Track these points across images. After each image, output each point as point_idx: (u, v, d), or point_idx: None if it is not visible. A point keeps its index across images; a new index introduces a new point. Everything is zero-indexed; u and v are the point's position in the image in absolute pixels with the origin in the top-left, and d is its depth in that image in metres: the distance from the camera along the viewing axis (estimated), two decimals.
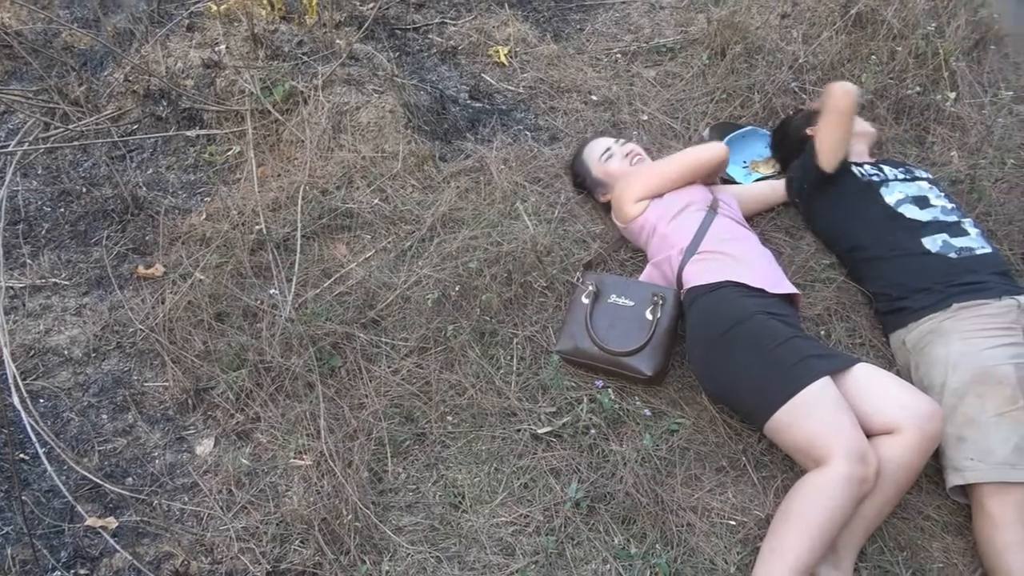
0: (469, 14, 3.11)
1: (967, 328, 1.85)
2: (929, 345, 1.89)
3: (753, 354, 1.74)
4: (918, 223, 2.05)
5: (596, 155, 2.33)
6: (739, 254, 1.95)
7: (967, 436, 1.72)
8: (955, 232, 2.02)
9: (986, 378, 1.76)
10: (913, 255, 2.01)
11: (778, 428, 1.69)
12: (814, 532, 1.52)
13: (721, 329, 1.80)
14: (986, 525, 1.65)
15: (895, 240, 2.05)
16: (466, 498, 1.76)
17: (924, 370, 1.88)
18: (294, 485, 1.77)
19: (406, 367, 1.97)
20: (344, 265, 2.17)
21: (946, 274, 1.95)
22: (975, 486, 1.69)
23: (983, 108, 2.65)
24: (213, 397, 1.94)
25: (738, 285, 1.86)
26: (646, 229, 2.12)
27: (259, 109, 2.47)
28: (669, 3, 3.20)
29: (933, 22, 2.78)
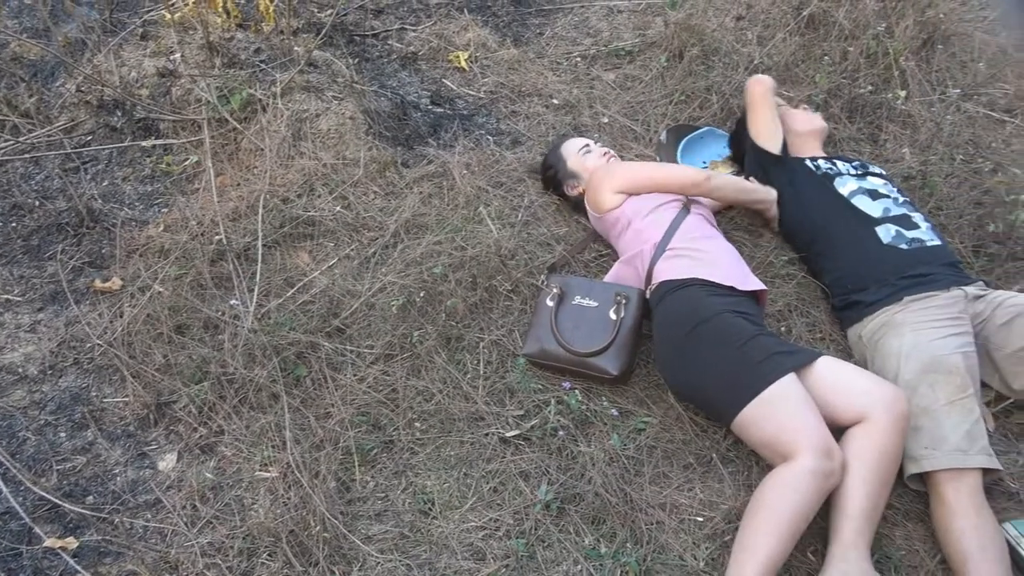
0: (428, 20, 3.11)
1: (918, 320, 1.90)
2: (883, 338, 1.94)
3: (720, 351, 1.76)
4: (870, 215, 2.11)
5: (575, 149, 2.35)
6: (709, 251, 1.98)
7: (921, 425, 1.76)
8: (906, 224, 2.08)
9: (937, 367, 1.81)
10: (866, 245, 2.07)
11: (745, 424, 1.71)
12: (783, 528, 1.53)
13: (688, 327, 1.82)
14: (943, 511, 1.69)
15: (849, 229, 2.11)
16: (436, 504, 1.75)
17: (879, 363, 1.92)
18: (260, 498, 1.75)
19: (372, 375, 1.96)
20: (307, 274, 2.15)
21: (898, 265, 2.00)
22: (931, 474, 1.73)
23: (932, 106, 2.73)
24: (175, 411, 1.91)
25: (706, 283, 1.88)
26: (620, 222, 2.14)
27: (216, 118, 2.44)
28: (627, 7, 3.24)
29: (883, 23, 2.84)
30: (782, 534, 1.53)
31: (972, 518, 1.66)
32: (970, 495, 1.68)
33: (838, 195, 2.17)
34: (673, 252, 1.99)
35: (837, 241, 2.12)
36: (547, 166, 2.41)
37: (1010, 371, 1.91)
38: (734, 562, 1.54)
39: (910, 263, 2.00)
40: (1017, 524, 1.71)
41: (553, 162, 2.39)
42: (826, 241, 2.15)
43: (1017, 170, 2.48)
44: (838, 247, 2.12)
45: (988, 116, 2.73)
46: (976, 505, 1.68)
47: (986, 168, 2.50)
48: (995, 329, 1.93)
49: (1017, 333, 1.89)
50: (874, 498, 1.62)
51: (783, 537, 1.53)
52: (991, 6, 2.91)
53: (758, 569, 1.50)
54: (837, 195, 2.17)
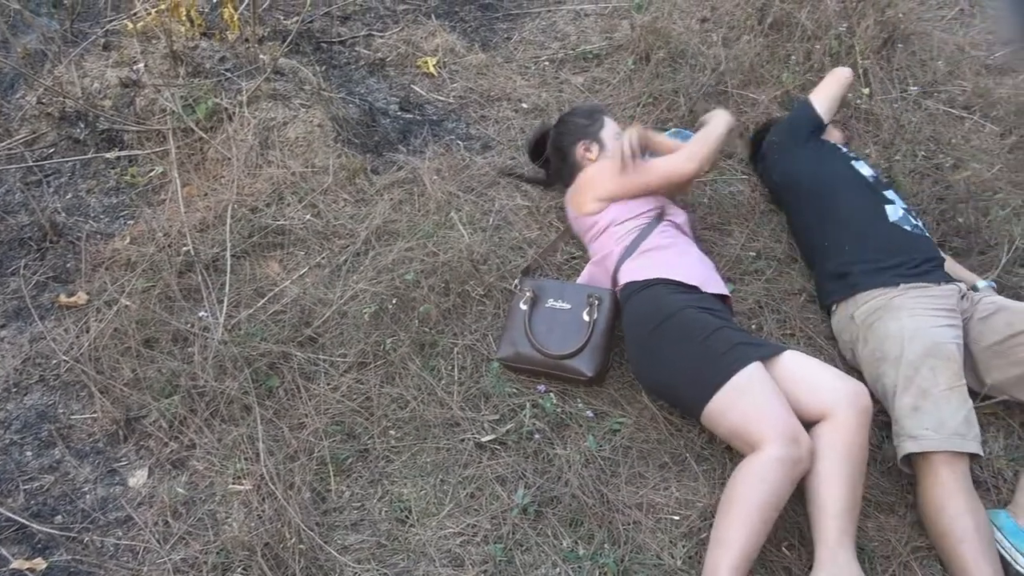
0: (396, 26, 3.11)
1: (915, 306, 1.94)
2: (879, 320, 1.96)
3: (685, 346, 1.78)
4: (882, 194, 2.18)
5: (615, 129, 2.33)
6: (675, 254, 2.00)
7: (922, 407, 1.79)
8: (910, 213, 2.17)
9: (938, 352, 1.84)
10: (874, 217, 2.13)
11: (713, 416, 1.72)
12: (754, 518, 1.55)
13: (653, 324, 1.83)
14: (940, 492, 1.71)
15: (861, 199, 2.17)
16: (412, 512, 1.74)
17: (875, 343, 1.94)
18: (234, 511, 1.72)
19: (346, 383, 1.94)
20: (277, 283, 2.13)
21: (899, 245, 2.06)
22: (928, 455, 1.75)
23: (895, 103, 2.78)
24: (145, 426, 1.88)
25: (670, 282, 1.90)
26: (598, 226, 2.14)
27: (182, 128, 2.41)
28: (593, 10, 3.26)
29: (844, 23, 2.89)
30: (754, 525, 1.54)
31: (970, 499, 1.70)
32: (964, 478, 1.71)
33: (857, 172, 2.25)
34: (640, 253, 2.00)
35: (847, 206, 2.17)
36: (579, 116, 2.34)
37: (985, 364, 1.95)
38: (710, 557, 1.56)
39: (912, 245, 2.05)
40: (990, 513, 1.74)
41: (590, 117, 2.33)
42: (835, 204, 2.19)
43: (977, 164, 2.54)
44: (848, 212, 2.16)
45: (948, 113, 2.79)
46: (969, 489, 1.71)
47: (947, 164, 2.55)
48: (975, 324, 1.97)
49: (994, 328, 1.93)
50: (853, 493, 1.63)
51: (755, 528, 1.54)
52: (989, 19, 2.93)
53: (733, 562, 1.51)
54: (856, 172, 2.25)
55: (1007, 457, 1.91)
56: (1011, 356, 1.90)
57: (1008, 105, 2.75)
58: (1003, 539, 1.69)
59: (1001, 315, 1.95)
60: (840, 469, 1.63)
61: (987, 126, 2.73)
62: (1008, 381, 1.91)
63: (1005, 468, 1.89)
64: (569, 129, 2.33)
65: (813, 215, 2.25)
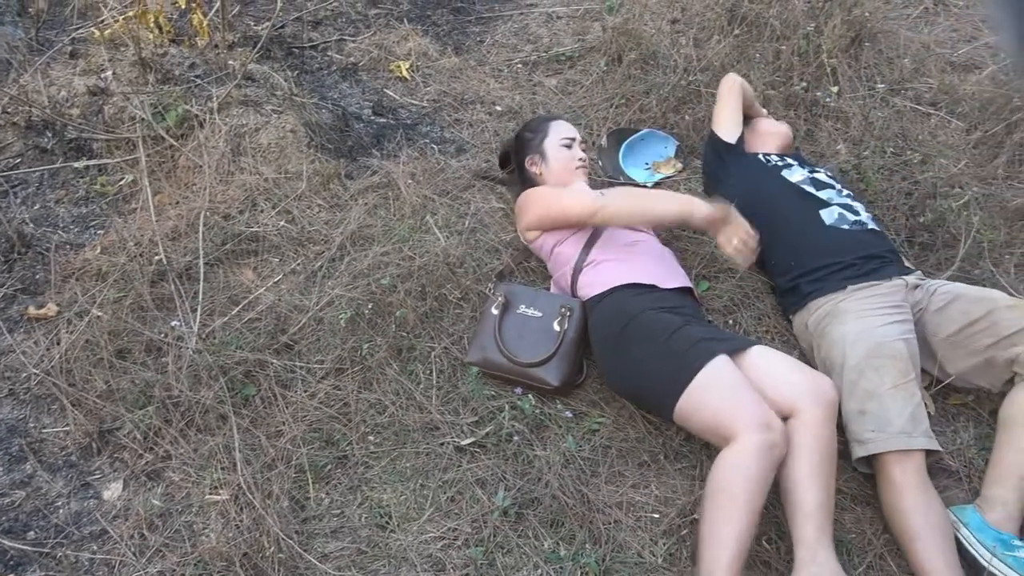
0: (368, 30, 3.10)
1: (861, 308, 1.96)
2: (828, 326, 1.99)
3: (648, 348, 1.79)
4: (816, 198, 2.19)
5: (561, 133, 2.28)
6: (627, 257, 2.01)
7: (868, 409, 1.81)
8: (849, 210, 2.16)
9: (881, 352, 1.86)
10: (811, 225, 2.14)
11: (685, 414, 1.73)
12: (742, 511, 1.54)
13: (616, 331, 1.86)
14: (890, 491, 1.74)
15: (795, 211, 2.18)
16: (393, 517, 1.74)
17: (825, 351, 1.97)
18: (211, 522, 1.70)
19: (323, 390, 1.93)
20: (252, 291, 2.11)
21: (841, 246, 2.07)
22: (878, 456, 1.78)
23: (863, 101, 2.82)
24: (119, 438, 1.85)
25: (626, 286, 1.92)
26: (544, 249, 2.17)
27: (152, 135, 2.38)
28: (565, 13, 3.27)
29: (812, 22, 2.93)
30: (743, 517, 1.54)
31: (919, 497, 1.71)
32: (915, 475, 1.73)
33: (786, 182, 2.26)
34: (591, 265, 2.02)
35: (783, 221, 2.19)
36: (527, 129, 2.35)
37: (945, 355, 1.98)
38: (705, 554, 1.54)
39: (852, 244, 2.07)
40: (957, 510, 1.77)
41: (535, 129, 2.32)
42: (772, 222, 2.21)
43: (944, 160, 2.58)
44: (784, 227, 2.18)
45: (915, 109, 2.83)
46: (922, 485, 1.73)
47: (915, 160, 2.59)
48: (931, 315, 1.99)
49: (951, 318, 1.96)
50: (826, 490, 1.64)
51: (744, 520, 1.54)
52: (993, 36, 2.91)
53: (731, 557, 1.50)
54: (785, 181, 2.26)
55: (977, 447, 1.94)
56: (969, 346, 1.92)
57: (972, 101, 2.80)
58: (969, 535, 1.70)
59: (956, 304, 1.97)
60: (811, 467, 1.64)
61: (953, 122, 2.78)
62: (968, 370, 1.94)
63: (976, 457, 1.92)
64: (519, 146, 2.34)
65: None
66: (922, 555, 1.65)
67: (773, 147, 2.47)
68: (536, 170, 2.28)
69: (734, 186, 2.35)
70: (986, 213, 2.42)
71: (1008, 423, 1.82)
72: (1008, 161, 2.58)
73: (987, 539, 1.67)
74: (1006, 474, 1.76)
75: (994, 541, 1.66)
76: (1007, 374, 1.89)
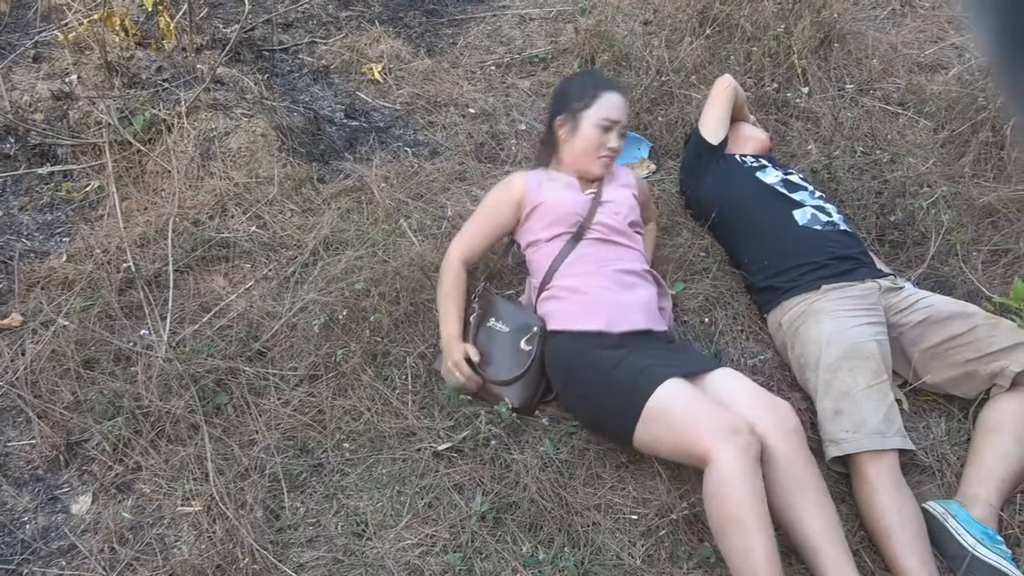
0: (339, 32, 3.07)
1: (835, 308, 1.98)
2: (803, 325, 2.01)
3: (596, 386, 1.77)
4: (790, 199, 2.22)
5: (604, 113, 2.03)
6: (583, 293, 1.90)
7: (843, 409, 1.83)
8: (822, 211, 2.19)
9: (856, 353, 1.88)
10: (784, 226, 2.17)
11: (647, 443, 1.69)
12: (757, 529, 1.48)
13: (564, 378, 1.87)
14: (866, 490, 1.76)
15: (769, 211, 2.21)
16: (369, 525, 1.71)
17: (799, 349, 1.99)
18: (183, 534, 1.67)
19: (297, 397, 1.90)
20: (223, 297, 2.08)
21: (814, 246, 2.09)
22: (853, 456, 1.80)
23: (833, 101, 2.85)
24: (87, 450, 1.81)
25: (568, 333, 1.87)
26: (524, 244, 2.08)
27: (119, 140, 2.34)
28: (538, 15, 3.27)
29: (782, 24, 2.96)
30: (761, 535, 1.48)
31: (893, 495, 1.73)
32: (890, 474, 1.75)
33: (761, 183, 2.28)
34: (551, 292, 1.95)
35: (757, 222, 2.21)
36: (574, 85, 2.12)
37: (924, 366, 2.01)
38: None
39: (825, 245, 2.09)
40: (942, 503, 1.79)
41: (581, 92, 2.06)
42: (747, 222, 2.24)
43: (912, 159, 2.62)
44: (758, 227, 2.21)
45: (883, 109, 2.87)
46: (896, 483, 1.75)
47: (884, 159, 2.63)
48: (911, 326, 2.02)
49: (931, 332, 1.99)
50: (831, 515, 1.61)
51: (763, 535, 1.48)
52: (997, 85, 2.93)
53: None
54: (760, 182, 2.28)
55: (950, 442, 1.96)
56: (948, 359, 1.96)
57: (940, 101, 2.84)
58: (958, 526, 1.73)
59: (936, 318, 1.99)
60: (811, 501, 1.61)
61: (920, 121, 2.82)
62: (945, 381, 1.99)
63: (949, 453, 1.95)
64: (558, 98, 2.12)
65: (729, 236, 2.33)
66: (897, 552, 1.67)
67: (751, 150, 2.50)
68: (562, 134, 2.08)
69: (710, 185, 2.37)
70: (954, 211, 2.46)
71: (990, 428, 1.86)
72: (974, 160, 2.62)
73: (975, 531, 1.71)
74: (987, 476, 1.80)
75: (980, 534, 1.69)
76: (986, 385, 1.93)
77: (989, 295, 2.23)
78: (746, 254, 2.24)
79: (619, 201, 2.05)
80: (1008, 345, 1.88)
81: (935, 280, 2.34)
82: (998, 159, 2.62)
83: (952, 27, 3.33)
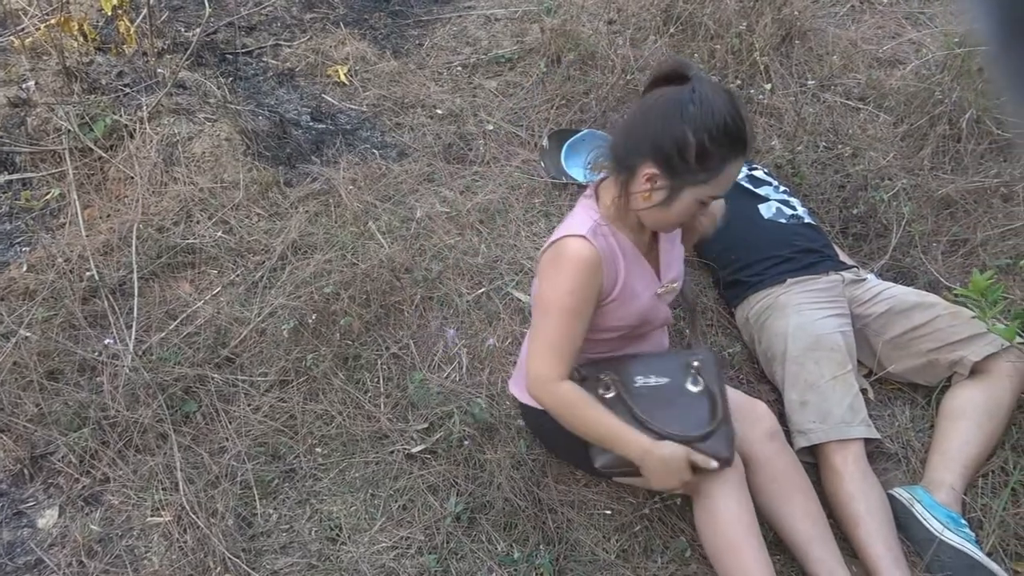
0: (304, 35, 3.05)
1: (800, 301, 2.01)
2: (769, 319, 2.04)
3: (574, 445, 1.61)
4: (755, 194, 2.25)
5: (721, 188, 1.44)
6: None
7: (808, 400, 1.87)
8: (786, 205, 2.23)
9: (821, 345, 1.92)
10: (750, 220, 2.19)
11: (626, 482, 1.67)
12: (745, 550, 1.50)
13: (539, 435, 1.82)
14: (832, 479, 1.79)
15: (735, 207, 2.22)
16: (343, 529, 1.71)
17: (766, 343, 2.02)
18: (154, 545, 1.65)
19: (268, 403, 1.89)
20: (190, 304, 2.05)
21: (778, 239, 2.13)
22: (820, 446, 1.83)
23: (795, 97, 2.89)
24: (53, 463, 1.78)
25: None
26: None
27: (79, 147, 2.30)
28: (504, 15, 3.27)
29: (744, 21, 3.00)
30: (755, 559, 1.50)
31: (860, 484, 1.77)
32: (856, 462, 1.79)
33: None
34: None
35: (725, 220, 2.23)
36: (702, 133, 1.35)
37: (887, 354, 2.05)
38: None
39: (789, 238, 2.13)
40: (908, 488, 1.83)
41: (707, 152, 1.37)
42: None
43: (873, 153, 2.67)
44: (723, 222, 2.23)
45: (844, 104, 2.92)
46: (862, 472, 1.79)
47: (846, 153, 2.67)
48: (874, 317, 2.06)
49: (893, 323, 2.03)
50: (816, 514, 1.65)
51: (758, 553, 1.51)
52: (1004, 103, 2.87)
53: None
54: None
55: (914, 429, 2.01)
56: (910, 349, 2.01)
57: (898, 95, 2.90)
58: (924, 511, 1.77)
59: (898, 309, 2.04)
60: (787, 501, 1.64)
61: (881, 116, 2.87)
62: (908, 370, 2.03)
63: (913, 439, 1.99)
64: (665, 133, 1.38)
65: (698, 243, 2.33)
66: (864, 539, 1.70)
67: None
68: (645, 190, 1.43)
69: None
70: (914, 203, 2.51)
71: (952, 415, 1.90)
72: (933, 152, 2.68)
73: (940, 516, 1.74)
74: (951, 461, 1.84)
75: (945, 518, 1.74)
76: (947, 373, 1.98)
77: (949, 285, 2.28)
78: (712, 250, 2.26)
79: (676, 276, 1.69)
80: (967, 336, 1.93)
81: (897, 271, 2.38)
82: (955, 151, 2.68)
83: (909, 23, 3.40)
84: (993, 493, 1.85)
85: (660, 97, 1.41)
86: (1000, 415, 1.86)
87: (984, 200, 2.52)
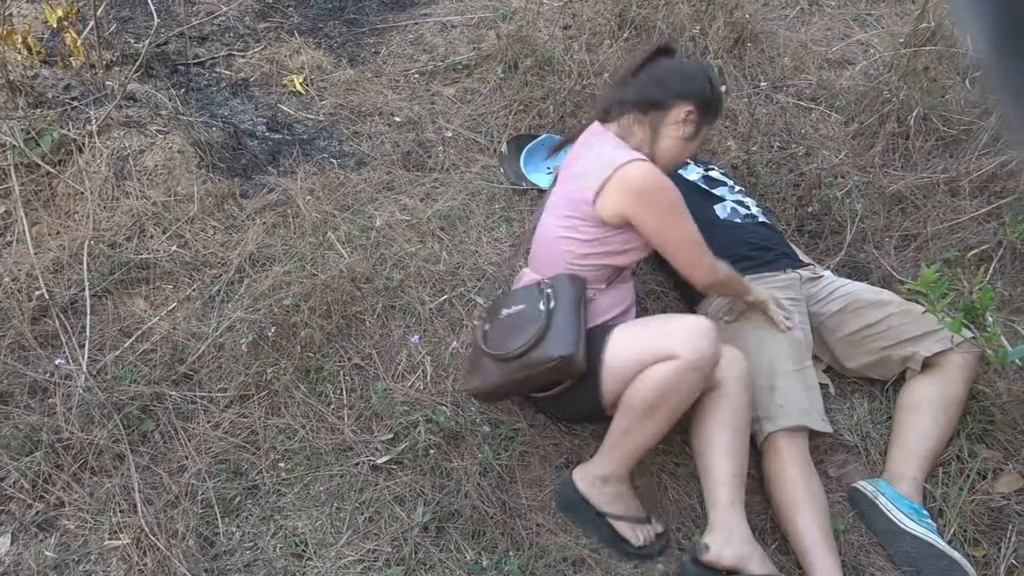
0: (258, 44, 3.01)
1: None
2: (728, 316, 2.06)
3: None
4: (711, 194, 2.29)
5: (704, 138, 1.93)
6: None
7: (777, 386, 1.89)
8: (741, 205, 2.27)
9: (780, 340, 1.95)
10: (707, 221, 2.21)
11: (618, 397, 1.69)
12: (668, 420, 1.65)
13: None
14: (776, 464, 1.84)
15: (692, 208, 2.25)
16: (309, 544, 1.68)
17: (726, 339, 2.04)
18: (112, 569, 1.60)
19: (228, 419, 1.85)
20: (145, 320, 2.00)
21: (734, 238, 2.16)
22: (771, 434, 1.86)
23: (748, 99, 2.94)
24: (4, 489, 1.72)
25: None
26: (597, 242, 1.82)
27: (25, 163, 2.23)
28: (460, 21, 3.27)
29: (697, 25, 3.04)
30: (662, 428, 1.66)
31: (803, 469, 1.82)
32: (801, 451, 1.84)
33: (683, 179, 2.35)
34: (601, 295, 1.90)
35: None
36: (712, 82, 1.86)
37: (843, 352, 2.09)
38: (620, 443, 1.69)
39: (745, 236, 2.16)
40: (871, 481, 1.87)
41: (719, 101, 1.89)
42: None
43: (826, 152, 2.72)
44: None
45: (797, 105, 2.98)
46: (805, 459, 1.84)
47: (800, 152, 2.73)
48: (829, 315, 2.10)
49: (847, 321, 2.08)
50: (740, 458, 1.72)
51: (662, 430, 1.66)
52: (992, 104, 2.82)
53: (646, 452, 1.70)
54: (682, 179, 2.34)
55: (872, 421, 2.05)
56: (864, 346, 2.06)
57: (848, 95, 2.96)
58: (887, 503, 1.81)
59: (852, 308, 2.09)
60: (729, 439, 1.71)
61: (832, 115, 2.93)
62: (863, 366, 2.09)
63: (872, 431, 2.03)
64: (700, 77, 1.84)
65: None
66: (801, 524, 1.73)
67: None
68: (681, 122, 1.81)
69: None
70: (867, 200, 2.57)
71: (909, 408, 1.95)
72: (883, 150, 2.74)
73: (903, 507, 1.78)
74: (910, 454, 1.89)
75: (908, 510, 1.78)
76: (900, 368, 2.03)
77: (902, 279, 2.33)
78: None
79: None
80: (919, 333, 1.98)
81: (852, 267, 2.44)
82: (904, 148, 2.75)
83: (857, 24, 3.48)
84: (951, 482, 1.90)
85: (677, 61, 1.91)
86: (954, 407, 1.92)
87: (932, 195, 2.59)
